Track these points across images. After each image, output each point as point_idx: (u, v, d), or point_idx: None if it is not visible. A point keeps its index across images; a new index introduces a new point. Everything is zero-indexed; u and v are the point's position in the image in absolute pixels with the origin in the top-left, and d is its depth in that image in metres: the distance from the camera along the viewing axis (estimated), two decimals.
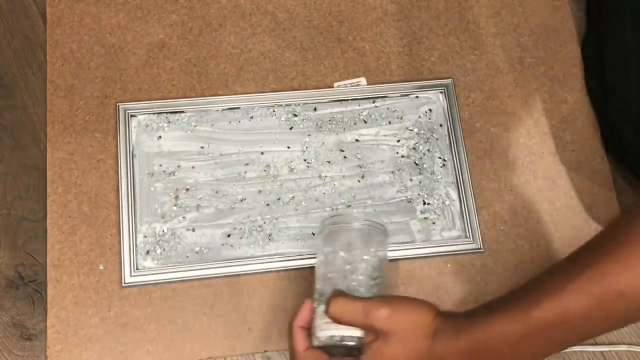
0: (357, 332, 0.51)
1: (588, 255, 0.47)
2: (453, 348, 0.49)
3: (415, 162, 0.71)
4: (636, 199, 0.72)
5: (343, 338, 0.52)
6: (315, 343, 0.53)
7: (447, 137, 0.72)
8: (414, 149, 0.72)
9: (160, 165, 0.69)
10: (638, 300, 0.44)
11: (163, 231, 0.67)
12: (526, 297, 0.48)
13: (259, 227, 0.68)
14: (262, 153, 0.71)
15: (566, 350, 0.67)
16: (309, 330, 0.54)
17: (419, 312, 0.50)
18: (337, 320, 0.51)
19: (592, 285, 0.45)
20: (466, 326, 0.49)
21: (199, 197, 0.69)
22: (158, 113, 0.71)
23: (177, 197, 0.69)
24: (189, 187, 0.69)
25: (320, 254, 0.57)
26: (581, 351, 0.67)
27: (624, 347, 0.67)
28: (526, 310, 0.47)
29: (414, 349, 0.49)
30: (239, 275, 0.67)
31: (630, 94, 0.68)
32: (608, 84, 0.71)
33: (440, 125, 0.73)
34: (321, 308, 0.53)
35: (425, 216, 0.70)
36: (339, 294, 0.52)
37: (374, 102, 0.73)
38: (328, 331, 0.52)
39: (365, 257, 0.56)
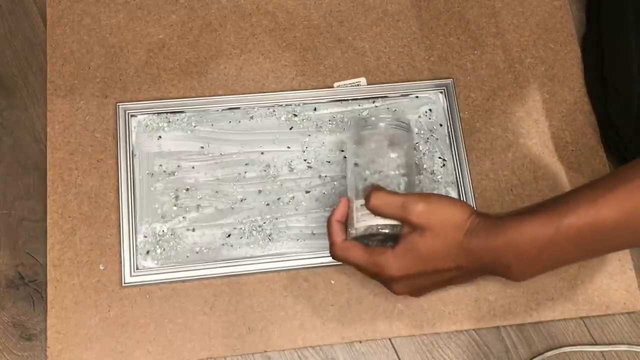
0: (395, 222, 0.55)
1: (619, 176, 0.49)
2: (484, 246, 0.51)
3: (415, 162, 0.71)
4: None
5: (379, 227, 0.55)
6: (353, 233, 0.57)
7: (447, 137, 0.72)
8: (414, 149, 0.72)
9: (160, 165, 0.69)
10: None
11: (163, 231, 0.68)
12: (558, 205, 0.50)
13: (259, 227, 0.68)
14: (262, 153, 0.71)
15: (566, 351, 0.67)
16: (346, 225, 0.58)
17: (455, 210, 0.53)
18: (376, 212, 0.55)
19: (626, 198, 0.47)
20: (499, 227, 0.51)
21: (199, 197, 0.69)
22: (158, 113, 0.71)
23: (177, 197, 0.69)
24: (189, 187, 0.69)
25: (352, 155, 0.61)
26: (581, 351, 0.67)
27: (624, 347, 0.67)
28: (558, 217, 0.49)
29: (447, 244, 0.52)
30: (239, 275, 0.67)
31: (630, 93, 0.68)
32: (608, 83, 0.71)
33: (440, 125, 0.73)
34: (358, 202, 0.57)
35: None
36: (378, 188, 0.56)
37: (374, 102, 0.73)
38: (365, 222, 0.56)
39: (393, 155, 0.59)
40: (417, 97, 0.74)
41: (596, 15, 0.76)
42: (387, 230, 0.55)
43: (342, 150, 0.71)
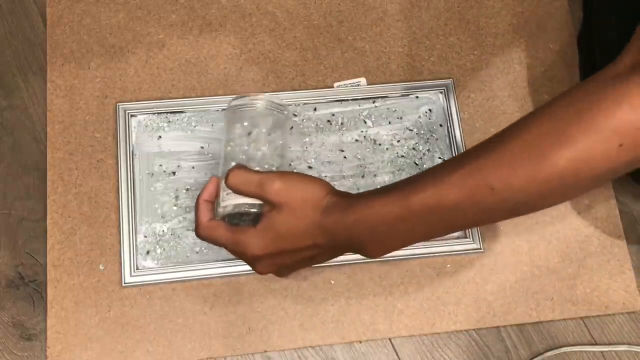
0: (256, 201, 0.54)
1: (469, 153, 0.50)
2: (340, 223, 0.52)
3: (415, 162, 0.71)
4: (633, 200, 0.73)
5: (241, 206, 0.54)
6: (220, 212, 0.56)
7: (447, 137, 0.72)
8: (413, 149, 0.72)
9: (160, 165, 0.69)
10: (505, 195, 0.47)
11: (163, 231, 0.68)
12: (408, 185, 0.51)
13: None
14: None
15: (566, 351, 0.67)
16: (214, 205, 0.57)
17: (312, 187, 0.53)
18: (235, 190, 0.54)
19: (466, 179, 0.48)
20: (352, 205, 0.52)
21: None
22: (158, 113, 0.71)
23: (177, 197, 0.69)
24: (189, 187, 0.69)
25: (226, 133, 0.60)
26: (581, 351, 0.67)
27: (624, 347, 0.67)
28: (406, 196, 0.50)
29: (304, 221, 0.52)
30: (239, 275, 0.67)
31: None
32: None
33: (440, 125, 0.73)
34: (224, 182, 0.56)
35: None
36: (238, 166, 0.55)
37: (374, 102, 0.73)
38: (229, 201, 0.55)
39: (268, 137, 0.58)
40: (417, 97, 0.74)
41: (588, 14, 0.76)
42: (250, 210, 0.55)
43: (342, 150, 0.71)
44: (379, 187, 0.58)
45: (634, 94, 0.43)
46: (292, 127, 0.71)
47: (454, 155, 0.71)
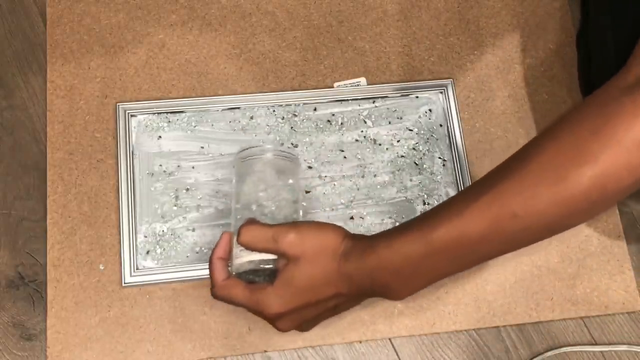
0: (270, 257, 0.52)
1: (487, 181, 0.49)
2: (360, 268, 0.50)
3: (415, 162, 0.71)
4: (633, 200, 0.73)
5: (255, 263, 0.52)
6: (232, 269, 0.54)
7: (447, 137, 0.72)
8: (413, 149, 0.72)
9: (160, 165, 0.69)
10: (529, 220, 0.46)
11: (163, 231, 0.68)
12: (428, 220, 0.49)
13: None
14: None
15: (566, 351, 0.67)
16: (229, 261, 0.56)
17: (327, 235, 0.52)
18: (248, 247, 0.52)
19: (488, 208, 0.46)
20: (372, 248, 0.50)
21: (199, 197, 0.69)
22: (158, 113, 0.71)
23: (177, 197, 0.69)
24: (189, 187, 0.69)
25: (235, 186, 0.59)
26: (581, 351, 0.67)
27: (624, 347, 0.67)
28: (427, 232, 0.48)
29: (323, 270, 0.50)
30: None
31: None
32: (595, 85, 0.72)
33: (440, 125, 0.73)
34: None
35: None
36: (250, 222, 0.53)
37: (374, 102, 0.73)
38: (243, 258, 0.53)
39: (279, 185, 0.57)
40: (417, 97, 0.74)
41: (585, 14, 0.76)
42: (268, 265, 0.53)
43: (342, 150, 0.71)
44: (397, 224, 0.55)
45: None
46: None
47: (453, 155, 0.71)
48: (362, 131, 0.72)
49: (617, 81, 0.47)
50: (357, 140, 0.72)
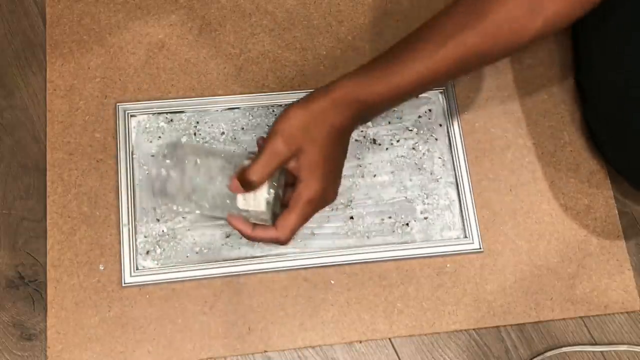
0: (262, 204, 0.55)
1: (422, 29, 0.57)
2: (350, 94, 0.56)
3: (414, 162, 0.71)
4: (633, 200, 0.73)
5: (271, 192, 0.55)
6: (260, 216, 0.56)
7: (447, 137, 0.72)
8: (413, 148, 0.72)
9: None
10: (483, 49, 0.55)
11: (163, 231, 0.67)
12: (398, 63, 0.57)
13: None
14: None
15: (566, 351, 0.67)
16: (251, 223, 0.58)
17: (293, 117, 0.54)
18: (263, 176, 0.54)
19: (457, 51, 0.54)
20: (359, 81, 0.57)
21: None
22: (158, 113, 0.71)
23: None
24: None
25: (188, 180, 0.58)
26: (581, 351, 0.67)
27: (624, 347, 0.67)
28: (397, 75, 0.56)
29: (320, 139, 0.54)
30: (239, 275, 0.67)
31: (600, 100, 0.68)
32: (584, 89, 0.72)
33: (440, 125, 0.73)
34: (240, 197, 0.55)
35: (425, 216, 0.70)
36: (238, 171, 0.55)
37: None
38: (259, 204, 0.55)
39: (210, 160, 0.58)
40: (417, 97, 0.74)
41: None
42: (278, 190, 0.56)
43: None
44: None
45: None
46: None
47: (453, 155, 0.71)
48: (361, 131, 0.72)
49: None
50: (356, 140, 0.72)
